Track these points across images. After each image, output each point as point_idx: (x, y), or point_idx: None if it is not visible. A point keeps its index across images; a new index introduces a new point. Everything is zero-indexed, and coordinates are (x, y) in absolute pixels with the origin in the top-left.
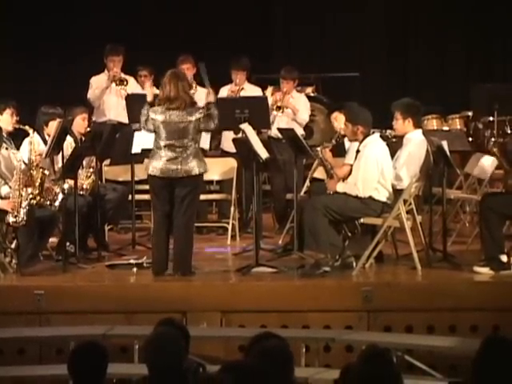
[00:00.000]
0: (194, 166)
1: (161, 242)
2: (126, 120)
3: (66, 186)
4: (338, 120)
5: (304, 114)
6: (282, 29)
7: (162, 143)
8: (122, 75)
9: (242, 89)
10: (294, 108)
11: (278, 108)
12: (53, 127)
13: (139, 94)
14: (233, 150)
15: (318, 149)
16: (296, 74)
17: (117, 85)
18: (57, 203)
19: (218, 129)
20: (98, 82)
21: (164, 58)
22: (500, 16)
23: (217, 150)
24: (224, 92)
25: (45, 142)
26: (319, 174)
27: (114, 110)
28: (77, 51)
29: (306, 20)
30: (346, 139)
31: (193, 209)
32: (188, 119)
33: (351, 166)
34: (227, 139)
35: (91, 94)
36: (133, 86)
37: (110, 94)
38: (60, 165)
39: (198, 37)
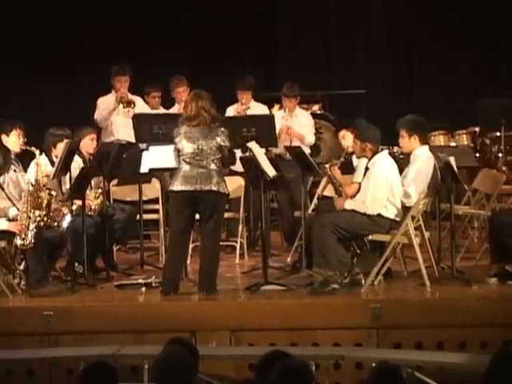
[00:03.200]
0: (216, 184)
1: (174, 260)
2: (134, 140)
3: (74, 207)
4: (346, 138)
5: (310, 137)
6: (287, 46)
7: (186, 160)
8: (130, 96)
9: (248, 107)
10: (299, 136)
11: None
12: (61, 148)
13: (146, 114)
14: (240, 168)
15: (327, 166)
16: (297, 91)
17: (124, 107)
18: (65, 224)
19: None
20: (105, 102)
21: (170, 77)
22: (508, 29)
23: (224, 169)
24: (230, 112)
25: (52, 163)
26: (327, 191)
27: (122, 129)
28: (83, 71)
29: (311, 37)
30: (354, 156)
31: (219, 228)
32: (211, 139)
33: (360, 184)
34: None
35: (98, 114)
36: (140, 107)
37: (117, 115)
38: (68, 186)
39: (202, 56)
